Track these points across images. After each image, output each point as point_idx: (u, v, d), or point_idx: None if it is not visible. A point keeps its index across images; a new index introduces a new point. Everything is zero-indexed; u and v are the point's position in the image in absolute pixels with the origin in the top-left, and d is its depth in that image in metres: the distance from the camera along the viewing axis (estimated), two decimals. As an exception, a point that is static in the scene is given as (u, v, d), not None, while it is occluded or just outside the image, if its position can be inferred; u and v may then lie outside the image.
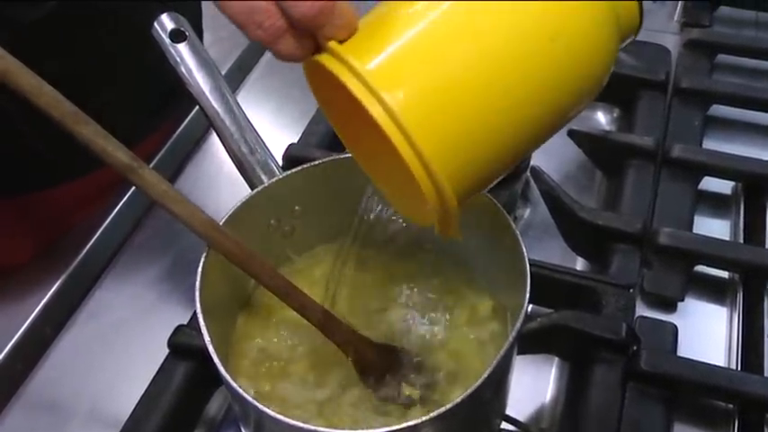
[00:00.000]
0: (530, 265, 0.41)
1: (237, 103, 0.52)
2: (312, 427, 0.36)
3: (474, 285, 0.48)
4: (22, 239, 0.63)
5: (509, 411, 0.47)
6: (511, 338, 0.38)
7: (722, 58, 0.78)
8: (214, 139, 0.54)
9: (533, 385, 0.53)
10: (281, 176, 0.48)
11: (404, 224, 0.46)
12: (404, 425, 0.35)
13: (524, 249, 0.41)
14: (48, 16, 0.55)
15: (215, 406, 0.52)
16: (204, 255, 0.42)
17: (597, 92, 0.36)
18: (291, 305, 0.43)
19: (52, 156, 0.57)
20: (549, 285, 0.53)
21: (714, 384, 0.50)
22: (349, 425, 0.42)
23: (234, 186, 0.51)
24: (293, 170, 0.47)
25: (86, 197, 0.64)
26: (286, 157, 0.63)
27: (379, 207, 0.44)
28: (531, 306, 0.40)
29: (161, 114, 0.70)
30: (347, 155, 0.48)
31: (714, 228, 0.62)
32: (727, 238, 0.62)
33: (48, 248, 0.61)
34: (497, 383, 0.42)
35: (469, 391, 0.36)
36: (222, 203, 0.44)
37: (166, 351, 0.51)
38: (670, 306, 0.56)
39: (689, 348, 0.52)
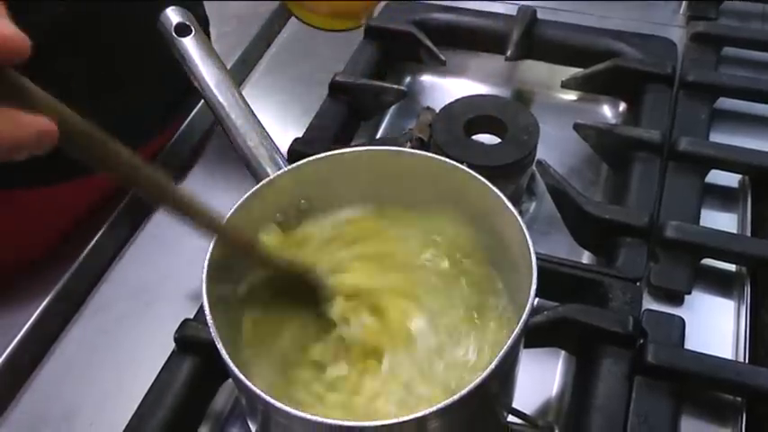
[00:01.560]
0: (536, 258, 0.41)
1: (243, 97, 0.52)
2: (319, 419, 0.36)
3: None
4: (38, 235, 0.62)
5: (515, 405, 0.47)
6: (518, 330, 0.38)
7: (728, 50, 0.77)
8: (220, 133, 0.54)
9: (540, 379, 0.53)
10: (286, 170, 0.48)
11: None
12: (410, 416, 0.35)
13: (531, 243, 0.41)
14: (61, 15, 0.55)
15: (221, 400, 0.53)
16: (211, 247, 0.42)
17: None
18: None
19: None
20: (555, 279, 0.53)
21: (722, 377, 0.49)
22: (365, 416, 0.42)
23: (239, 180, 0.51)
24: (298, 163, 0.47)
25: (100, 193, 0.64)
26: (291, 151, 0.63)
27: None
28: (537, 300, 0.40)
29: (175, 112, 0.70)
30: (352, 149, 0.48)
31: (721, 221, 0.62)
32: (735, 232, 0.61)
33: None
34: (504, 376, 0.42)
35: (476, 382, 0.36)
36: (228, 197, 0.44)
37: (173, 345, 0.51)
38: (677, 299, 0.56)
39: (696, 341, 0.52)
